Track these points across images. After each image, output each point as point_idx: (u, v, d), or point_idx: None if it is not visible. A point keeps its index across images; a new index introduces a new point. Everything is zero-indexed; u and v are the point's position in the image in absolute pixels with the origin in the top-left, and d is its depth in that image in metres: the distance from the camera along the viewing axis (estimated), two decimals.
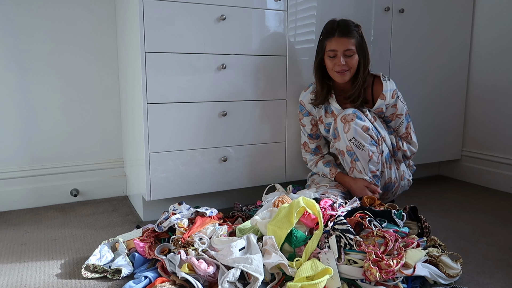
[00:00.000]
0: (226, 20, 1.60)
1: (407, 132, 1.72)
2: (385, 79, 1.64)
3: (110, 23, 1.93)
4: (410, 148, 1.73)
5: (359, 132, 1.53)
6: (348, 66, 1.58)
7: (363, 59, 1.60)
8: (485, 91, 2.23)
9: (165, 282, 1.08)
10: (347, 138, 1.55)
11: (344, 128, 1.56)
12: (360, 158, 1.57)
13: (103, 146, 2.00)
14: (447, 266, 1.13)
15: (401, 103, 1.66)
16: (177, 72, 1.54)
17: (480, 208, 1.84)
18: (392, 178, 1.68)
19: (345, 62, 1.56)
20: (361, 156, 1.56)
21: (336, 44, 1.56)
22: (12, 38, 1.76)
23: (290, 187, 1.67)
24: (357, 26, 1.59)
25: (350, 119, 1.54)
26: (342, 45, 1.55)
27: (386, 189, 1.69)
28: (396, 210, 1.35)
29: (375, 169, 1.59)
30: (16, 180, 1.84)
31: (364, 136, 1.54)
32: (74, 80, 1.90)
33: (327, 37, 1.59)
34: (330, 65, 1.60)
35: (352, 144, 1.55)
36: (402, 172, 1.73)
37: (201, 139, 1.62)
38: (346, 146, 1.57)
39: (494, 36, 2.17)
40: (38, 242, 1.46)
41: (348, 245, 1.10)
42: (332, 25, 1.58)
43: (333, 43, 1.56)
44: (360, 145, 1.55)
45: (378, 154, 1.58)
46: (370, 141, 1.55)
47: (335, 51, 1.56)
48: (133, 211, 1.80)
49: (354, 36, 1.57)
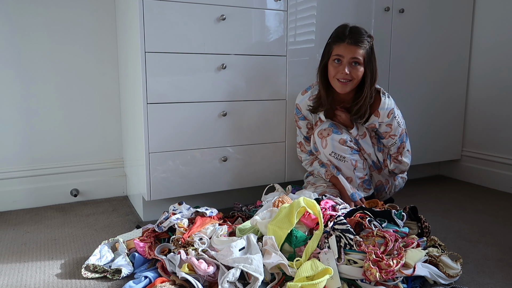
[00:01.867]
0: (226, 20, 1.60)
1: (398, 152, 1.64)
2: (385, 95, 1.56)
3: (110, 23, 1.93)
4: (398, 167, 1.66)
5: (337, 146, 1.52)
6: (351, 77, 1.48)
7: (370, 73, 1.50)
8: (485, 91, 2.23)
9: (165, 282, 1.08)
10: (327, 153, 1.55)
11: (322, 144, 1.55)
12: (344, 169, 1.57)
13: (103, 146, 2.00)
14: (447, 266, 1.13)
15: (396, 124, 1.57)
16: (177, 72, 1.54)
17: (480, 208, 1.84)
18: (382, 180, 1.68)
19: (349, 71, 1.47)
20: (345, 167, 1.56)
21: (344, 50, 1.47)
22: (12, 38, 1.76)
23: (289, 187, 1.67)
24: (370, 37, 1.50)
25: (326, 134, 1.52)
26: (350, 53, 1.46)
27: (378, 190, 1.70)
28: (396, 210, 1.36)
29: (363, 175, 1.60)
30: (16, 180, 1.84)
31: (343, 148, 1.53)
32: (74, 80, 1.90)
33: (336, 41, 1.50)
34: (333, 71, 1.51)
35: (332, 158, 1.55)
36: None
37: (201, 139, 1.62)
38: (328, 161, 1.58)
39: (494, 36, 2.17)
40: (38, 242, 1.46)
41: (348, 245, 1.10)
42: (343, 30, 1.50)
43: (341, 49, 1.47)
44: (341, 158, 1.54)
45: (362, 160, 1.59)
46: (351, 152, 1.54)
47: (342, 57, 1.48)
48: (133, 211, 1.80)
49: (365, 47, 1.47)
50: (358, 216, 1.24)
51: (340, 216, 1.18)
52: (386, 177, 1.69)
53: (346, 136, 1.54)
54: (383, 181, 1.68)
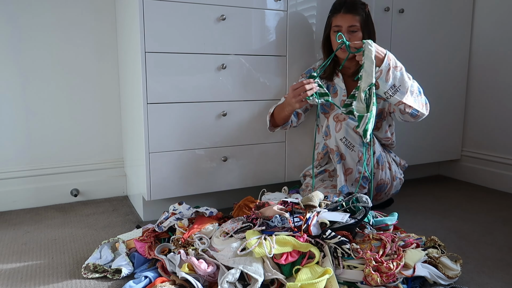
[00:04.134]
0: (226, 20, 1.60)
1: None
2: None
3: (110, 23, 1.93)
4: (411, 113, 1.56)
5: (350, 133, 1.53)
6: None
7: (367, 36, 1.61)
8: (485, 91, 2.23)
9: (165, 282, 1.08)
10: (337, 138, 1.55)
11: (335, 127, 1.56)
12: (349, 159, 1.56)
13: (103, 146, 2.00)
14: (446, 267, 1.13)
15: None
16: (177, 72, 1.54)
17: (480, 208, 1.84)
18: (385, 179, 1.67)
19: (348, 38, 1.58)
20: (350, 157, 1.56)
21: (341, 20, 1.59)
22: (12, 37, 1.76)
23: (285, 188, 1.66)
24: (364, 4, 1.61)
25: (342, 118, 1.54)
26: (347, 21, 1.58)
27: (379, 190, 1.68)
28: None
29: (364, 170, 1.59)
30: (16, 180, 1.84)
31: (355, 137, 1.53)
32: (74, 80, 1.90)
33: (333, 13, 1.63)
34: (335, 41, 1.61)
35: (342, 143, 1.55)
36: (394, 172, 1.72)
37: (201, 139, 1.62)
38: (335, 146, 1.56)
39: (494, 36, 2.17)
40: (38, 242, 1.46)
41: (346, 254, 1.09)
42: (339, 2, 1.62)
43: (338, 19, 1.60)
44: (350, 145, 1.54)
45: (367, 155, 1.58)
46: (360, 142, 1.54)
47: (340, 26, 1.59)
48: (133, 211, 1.80)
49: (360, 13, 1.59)
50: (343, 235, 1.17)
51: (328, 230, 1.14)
52: (388, 177, 1.68)
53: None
54: (386, 180, 1.67)
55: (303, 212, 1.23)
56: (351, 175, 1.59)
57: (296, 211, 1.25)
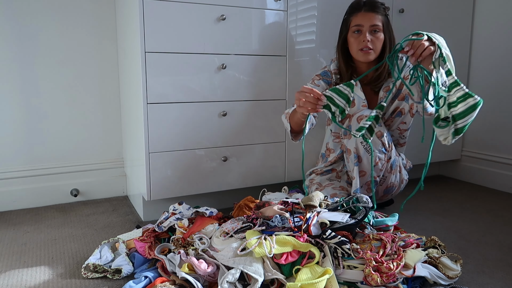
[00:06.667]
0: (226, 20, 1.60)
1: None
2: None
3: (110, 23, 1.93)
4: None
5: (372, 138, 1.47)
6: (373, 44, 1.49)
7: (389, 40, 1.51)
8: (485, 91, 2.23)
9: (165, 282, 1.08)
10: (358, 140, 1.49)
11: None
12: (365, 162, 1.52)
13: (103, 146, 2.00)
14: (446, 267, 1.13)
15: None
16: (177, 72, 1.54)
17: (480, 208, 1.84)
18: (394, 182, 1.65)
19: (370, 39, 1.47)
20: (367, 160, 1.51)
21: (362, 19, 1.48)
22: (12, 37, 1.76)
23: (285, 188, 1.66)
24: (384, 5, 1.52)
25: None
26: (369, 20, 1.48)
27: (387, 192, 1.67)
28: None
29: (376, 175, 1.56)
30: (16, 180, 1.84)
31: (376, 142, 1.48)
32: (74, 80, 1.90)
33: (352, 13, 1.52)
34: (355, 43, 1.51)
35: (361, 146, 1.50)
36: (403, 175, 1.69)
37: (201, 139, 1.62)
38: (354, 148, 1.51)
39: (494, 36, 2.17)
40: (38, 242, 1.46)
41: (346, 254, 1.09)
42: (358, 1, 1.53)
43: (359, 18, 1.49)
44: (369, 149, 1.49)
45: (384, 162, 1.54)
46: (381, 148, 1.50)
47: (361, 26, 1.48)
48: (133, 211, 1.80)
49: (382, 13, 1.49)
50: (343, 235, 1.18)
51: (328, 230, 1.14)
52: (397, 180, 1.65)
53: (384, 130, 1.50)
54: (395, 183, 1.65)
55: (303, 212, 1.23)
56: (364, 177, 1.55)
57: (296, 211, 1.25)
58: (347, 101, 1.20)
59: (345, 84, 1.23)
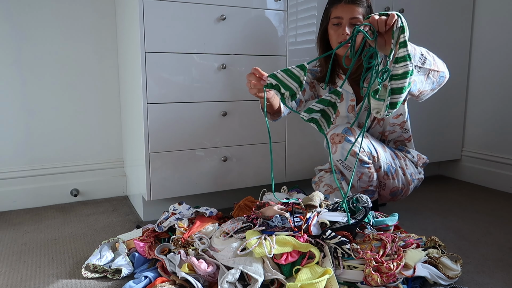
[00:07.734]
0: (226, 20, 1.60)
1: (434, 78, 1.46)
2: None
3: (110, 23, 1.93)
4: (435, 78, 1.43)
5: (346, 156, 1.45)
6: None
7: None
8: (485, 91, 2.23)
9: (165, 282, 1.08)
10: (334, 159, 1.49)
11: (332, 149, 1.48)
12: (348, 177, 1.51)
13: (103, 146, 2.00)
14: (446, 267, 1.13)
15: None
16: (177, 72, 1.54)
17: (480, 208, 1.84)
18: (398, 186, 1.61)
19: (349, 32, 1.41)
20: (349, 175, 1.50)
21: (342, 11, 1.43)
22: (12, 37, 1.76)
23: (284, 188, 1.66)
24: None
25: (338, 140, 1.46)
26: (349, 13, 1.42)
27: (394, 195, 1.63)
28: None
29: (366, 185, 1.53)
30: (16, 180, 1.84)
31: (352, 160, 1.46)
32: (74, 80, 1.90)
33: (333, 3, 1.47)
34: (334, 35, 1.46)
35: (339, 164, 1.49)
36: (410, 176, 1.63)
37: (201, 139, 1.62)
38: (334, 165, 1.51)
39: (494, 36, 2.17)
40: (38, 242, 1.46)
41: (346, 254, 1.09)
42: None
43: (339, 10, 1.44)
44: (347, 167, 1.48)
45: (369, 173, 1.50)
46: (359, 164, 1.47)
47: (340, 18, 1.43)
48: (133, 211, 1.80)
49: (363, 5, 1.44)
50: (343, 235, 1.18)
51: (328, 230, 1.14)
52: (402, 183, 1.63)
53: (357, 149, 1.44)
54: (400, 186, 1.62)
55: (304, 212, 1.23)
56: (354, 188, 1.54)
57: (297, 211, 1.25)
58: (300, 84, 1.16)
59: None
